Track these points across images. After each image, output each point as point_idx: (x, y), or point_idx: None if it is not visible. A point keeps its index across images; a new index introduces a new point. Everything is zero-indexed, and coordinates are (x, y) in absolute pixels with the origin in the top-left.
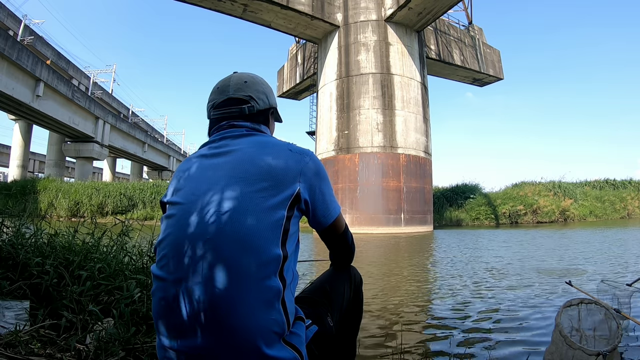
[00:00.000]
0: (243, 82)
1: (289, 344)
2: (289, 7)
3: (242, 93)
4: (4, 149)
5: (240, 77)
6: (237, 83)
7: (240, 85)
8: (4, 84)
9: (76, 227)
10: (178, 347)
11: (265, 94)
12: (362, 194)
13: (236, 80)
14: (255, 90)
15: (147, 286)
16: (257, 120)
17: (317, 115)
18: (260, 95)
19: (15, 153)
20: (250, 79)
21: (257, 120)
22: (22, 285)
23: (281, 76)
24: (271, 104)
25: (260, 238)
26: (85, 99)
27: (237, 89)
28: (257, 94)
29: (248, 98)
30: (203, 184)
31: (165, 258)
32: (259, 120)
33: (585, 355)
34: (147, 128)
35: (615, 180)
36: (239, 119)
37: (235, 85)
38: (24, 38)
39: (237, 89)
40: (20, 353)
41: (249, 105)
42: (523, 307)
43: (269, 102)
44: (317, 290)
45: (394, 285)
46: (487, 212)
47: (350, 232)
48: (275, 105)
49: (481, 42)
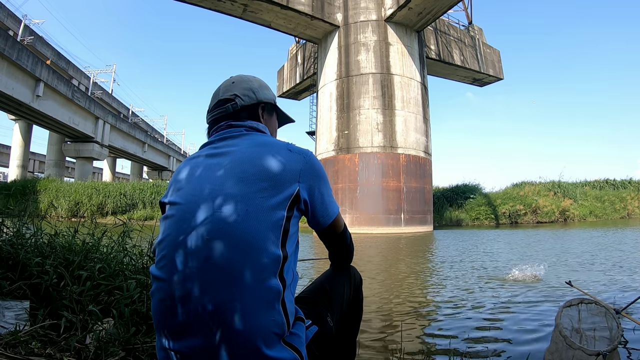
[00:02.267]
0: (231, 82)
1: (289, 344)
2: (289, 7)
3: (229, 93)
4: (4, 149)
5: (230, 79)
6: (226, 85)
7: (228, 86)
8: (4, 84)
9: (76, 227)
10: (178, 348)
11: (252, 90)
12: (362, 194)
13: (226, 83)
14: (241, 88)
15: (147, 286)
16: (241, 116)
17: (317, 115)
18: (246, 91)
19: (15, 153)
20: (237, 79)
21: (241, 116)
22: (22, 285)
23: (281, 76)
24: (260, 99)
25: (260, 239)
26: (85, 99)
27: (225, 90)
28: (242, 90)
29: (233, 96)
30: (202, 185)
31: (164, 259)
32: (242, 116)
33: (585, 355)
34: (147, 128)
35: (615, 180)
36: (228, 118)
37: (225, 87)
38: (24, 38)
39: (225, 90)
40: (20, 353)
41: (233, 103)
42: (523, 307)
43: (256, 97)
44: (317, 291)
45: (394, 285)
46: (487, 212)
47: (349, 232)
48: (267, 100)
49: (481, 42)
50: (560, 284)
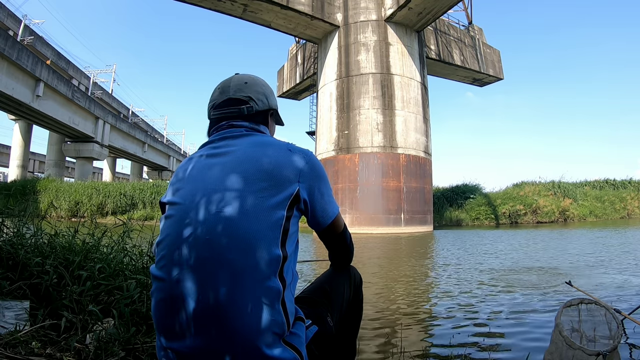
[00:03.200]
0: (243, 83)
1: (289, 344)
2: (289, 7)
3: (242, 94)
4: (4, 149)
5: (241, 78)
6: (237, 84)
7: (241, 86)
8: (4, 84)
9: (76, 227)
10: (178, 348)
11: (265, 95)
12: (362, 194)
13: (237, 81)
14: (255, 91)
15: (147, 286)
16: (256, 120)
17: (317, 115)
18: (260, 96)
19: (15, 153)
20: (250, 80)
21: (256, 120)
22: (22, 285)
23: (281, 76)
24: (271, 105)
25: (260, 238)
26: (85, 99)
27: (237, 90)
28: (257, 94)
29: (247, 98)
30: (202, 184)
31: (164, 259)
32: (257, 120)
33: (585, 355)
34: (147, 128)
35: (615, 180)
36: (238, 119)
37: (236, 86)
38: (24, 38)
39: (237, 90)
40: (20, 353)
41: (248, 105)
42: (523, 307)
43: (268, 103)
44: (317, 291)
45: (393, 285)
46: (487, 212)
47: (349, 232)
48: (275, 107)
49: (481, 42)
50: (560, 284)
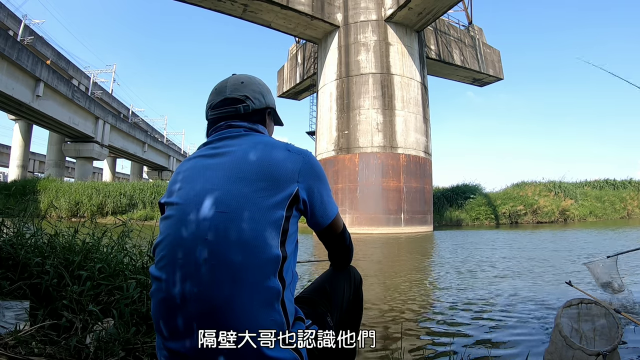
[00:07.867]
0: (240, 82)
1: (289, 344)
2: (289, 7)
3: (238, 93)
4: (4, 149)
5: (237, 78)
6: (234, 84)
7: (237, 85)
8: (4, 84)
9: (76, 227)
10: (177, 348)
11: (262, 93)
12: (362, 194)
13: (233, 81)
14: (252, 90)
15: (147, 286)
16: (253, 119)
17: (317, 115)
18: (256, 94)
19: (15, 153)
20: (247, 80)
21: (253, 119)
22: (22, 285)
23: (281, 76)
24: (268, 104)
25: (259, 238)
26: (85, 99)
27: (233, 89)
28: (253, 93)
29: (244, 97)
30: (201, 185)
31: (164, 259)
32: (255, 119)
33: (585, 355)
34: (147, 128)
35: (615, 180)
36: (235, 118)
37: (232, 85)
38: (24, 38)
39: (234, 89)
40: (20, 353)
41: (245, 104)
42: (523, 307)
43: (265, 102)
44: (317, 290)
45: (394, 286)
46: (487, 212)
47: (348, 232)
48: (272, 106)
49: (481, 42)
50: (561, 284)
